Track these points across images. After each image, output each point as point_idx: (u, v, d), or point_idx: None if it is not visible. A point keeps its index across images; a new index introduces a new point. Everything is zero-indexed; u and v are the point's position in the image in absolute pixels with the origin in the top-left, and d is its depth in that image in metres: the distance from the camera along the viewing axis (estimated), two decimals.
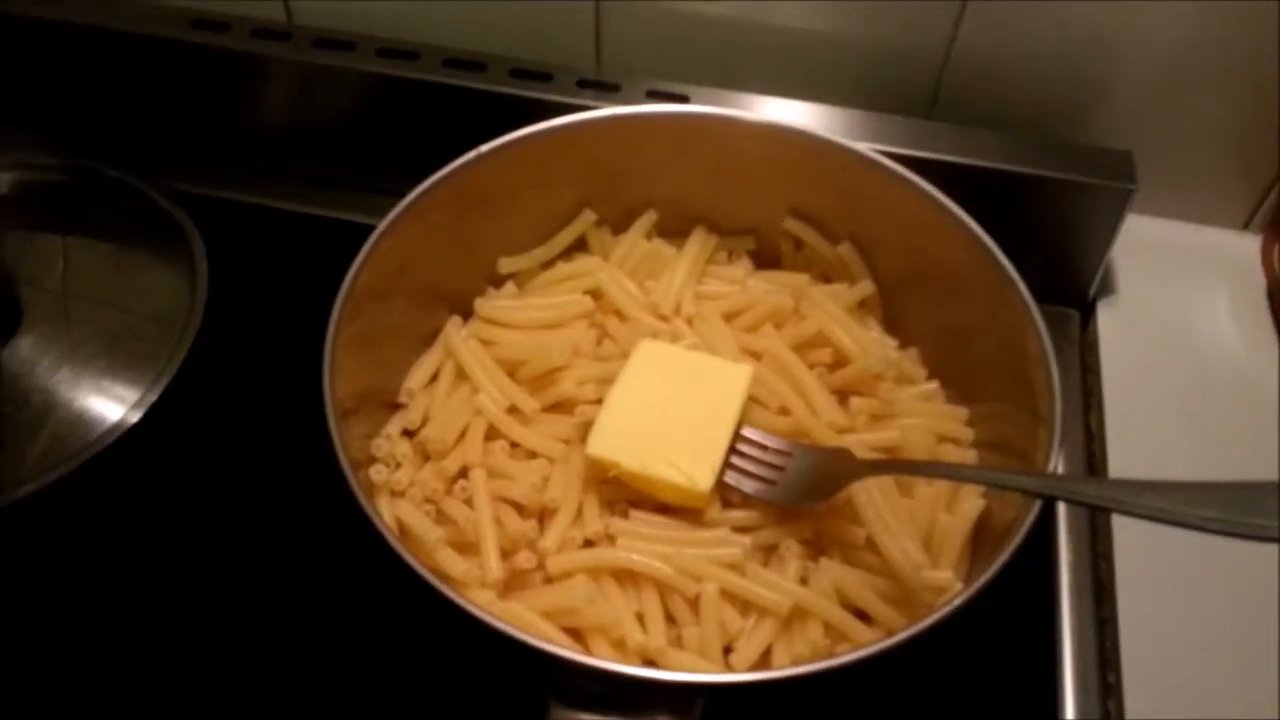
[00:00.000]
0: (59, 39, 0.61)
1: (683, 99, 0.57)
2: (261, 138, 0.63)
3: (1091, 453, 0.55)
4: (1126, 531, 0.50)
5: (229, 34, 0.60)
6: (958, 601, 0.37)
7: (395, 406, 0.49)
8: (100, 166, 0.60)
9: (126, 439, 0.51)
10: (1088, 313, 0.60)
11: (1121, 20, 0.55)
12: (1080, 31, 0.56)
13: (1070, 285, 0.59)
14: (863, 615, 0.44)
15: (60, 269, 0.58)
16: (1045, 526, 0.51)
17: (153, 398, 0.52)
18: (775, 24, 0.59)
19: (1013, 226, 0.55)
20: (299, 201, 0.63)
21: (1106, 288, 0.60)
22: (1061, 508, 0.52)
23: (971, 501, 0.45)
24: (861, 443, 0.47)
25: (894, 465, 0.45)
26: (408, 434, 0.48)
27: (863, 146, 0.50)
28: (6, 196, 0.61)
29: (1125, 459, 0.53)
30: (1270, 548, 0.43)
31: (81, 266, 0.58)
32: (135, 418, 0.51)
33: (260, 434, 0.53)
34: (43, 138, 0.62)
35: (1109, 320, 0.59)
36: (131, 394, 0.52)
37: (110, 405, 0.52)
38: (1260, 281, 0.60)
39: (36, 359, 0.54)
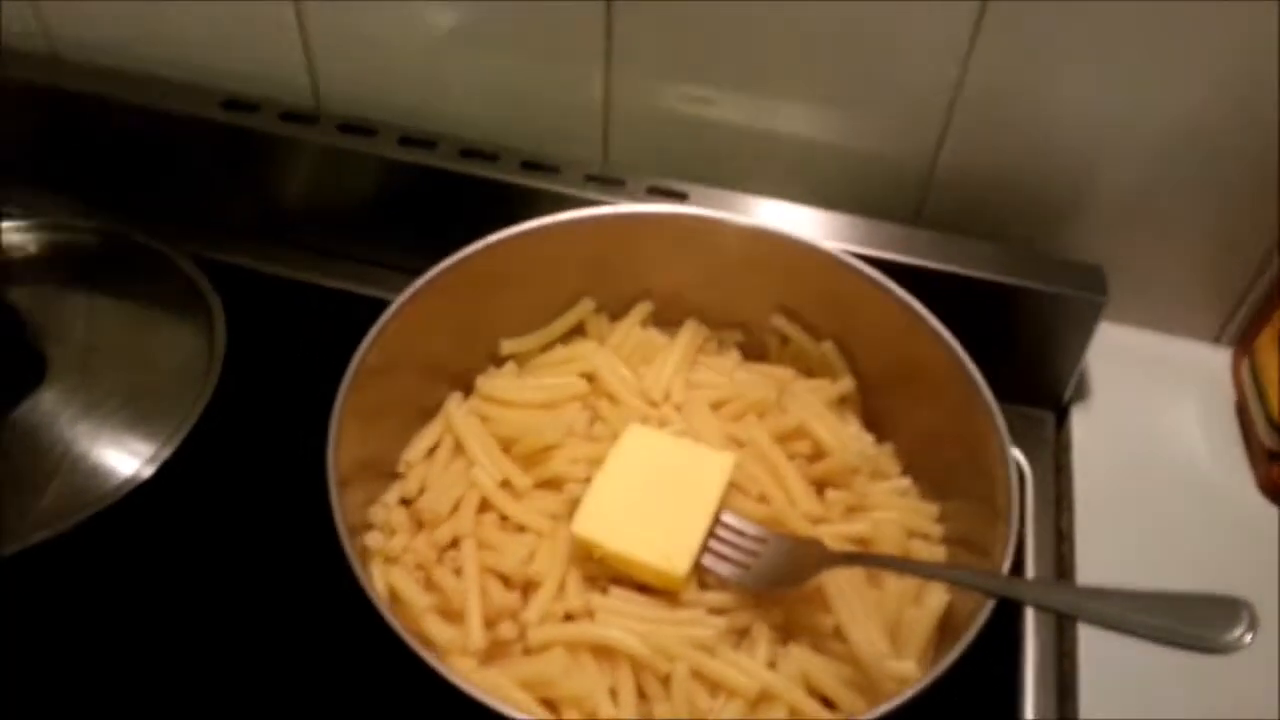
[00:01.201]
0: (98, 111, 0.65)
1: (682, 197, 0.60)
2: (284, 212, 0.67)
3: (1061, 553, 0.57)
4: (1091, 632, 0.52)
5: (258, 115, 0.64)
6: (910, 692, 0.39)
7: (395, 476, 0.52)
8: (131, 232, 0.63)
9: (138, 493, 0.53)
10: (1062, 416, 0.62)
11: (1098, 141, 0.58)
12: (1058, 151, 0.59)
13: (1045, 389, 0.62)
14: (829, 703, 0.45)
15: (86, 327, 0.61)
16: (1012, 625, 0.53)
17: (166, 454, 0.54)
18: (773, 131, 0.62)
19: (991, 331, 0.58)
20: (316, 273, 0.66)
21: (1081, 392, 0.62)
22: (1029, 619, 0.53)
23: (937, 596, 0.47)
24: (835, 533, 0.49)
25: (861, 558, 0.47)
26: (405, 503, 0.51)
27: (844, 252, 0.53)
28: (41, 256, 0.64)
29: (1093, 560, 0.55)
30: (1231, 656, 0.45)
31: (106, 325, 0.61)
32: (149, 472, 0.54)
33: (266, 495, 0.56)
34: (79, 202, 0.66)
35: (1082, 424, 0.61)
36: (147, 449, 0.55)
37: (125, 459, 0.55)
38: (1230, 394, 0.62)
39: (58, 412, 0.57)
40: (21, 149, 0.69)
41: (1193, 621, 0.37)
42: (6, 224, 0.64)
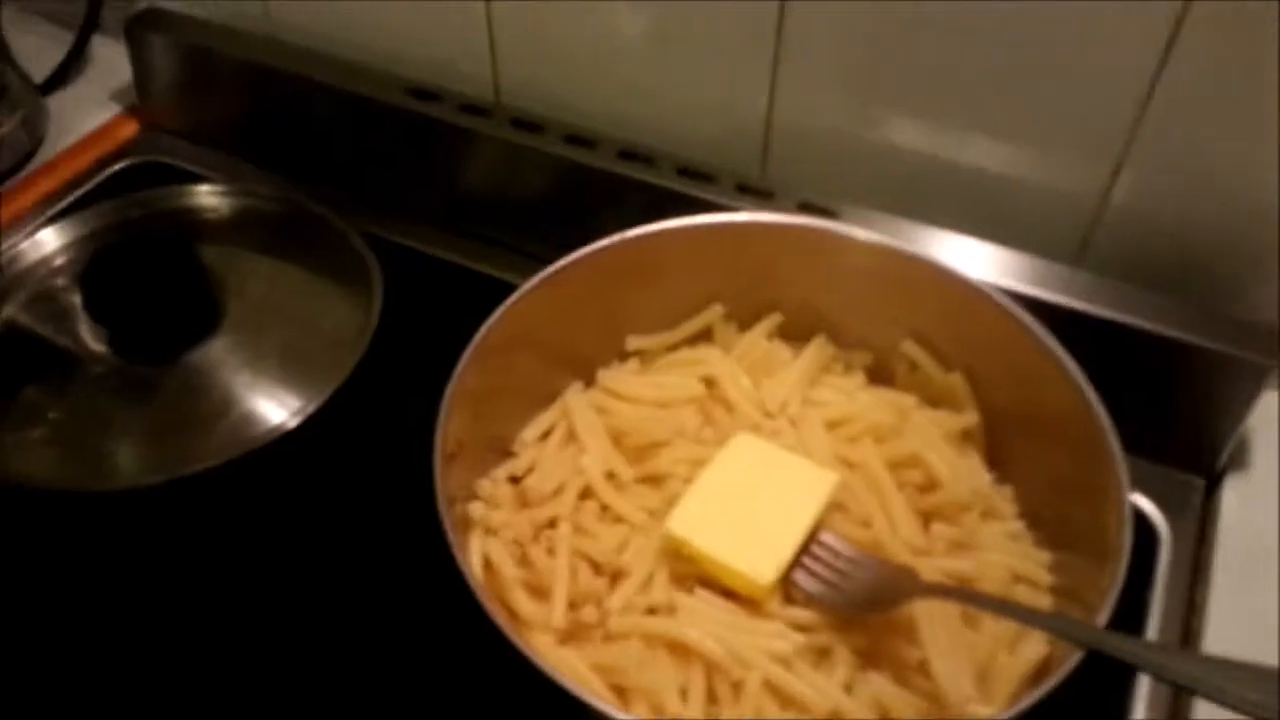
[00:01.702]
0: (298, 90, 0.71)
1: (832, 214, 0.60)
2: (453, 198, 0.70)
3: (1189, 625, 0.53)
4: (1208, 713, 0.48)
5: (440, 104, 0.68)
6: None
7: (509, 454, 0.54)
8: (311, 204, 0.68)
9: (284, 440, 0.58)
10: (1214, 483, 0.58)
11: None
12: (1239, 204, 0.56)
13: (1199, 453, 0.58)
14: None
15: (260, 286, 0.66)
16: (1121, 695, 0.50)
17: (312, 409, 0.58)
18: (935, 156, 0.61)
19: (1145, 385, 0.56)
20: (474, 259, 0.69)
21: (1238, 461, 0.58)
22: (1143, 682, 0.50)
23: (1034, 647, 0.45)
24: (936, 568, 0.48)
25: (951, 592, 0.46)
26: (513, 480, 0.52)
27: (993, 285, 0.51)
28: (231, 218, 0.70)
29: (1222, 636, 0.51)
30: None
31: (278, 287, 0.66)
32: (295, 423, 0.58)
33: (393, 456, 0.58)
34: (270, 172, 0.72)
35: (1234, 495, 0.57)
36: (296, 402, 0.59)
37: (276, 409, 0.59)
38: None
39: (224, 359, 0.62)
40: (228, 120, 0.75)
41: None
42: (206, 187, 0.71)
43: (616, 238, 0.53)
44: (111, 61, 0.83)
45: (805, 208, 0.61)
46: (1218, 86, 0.53)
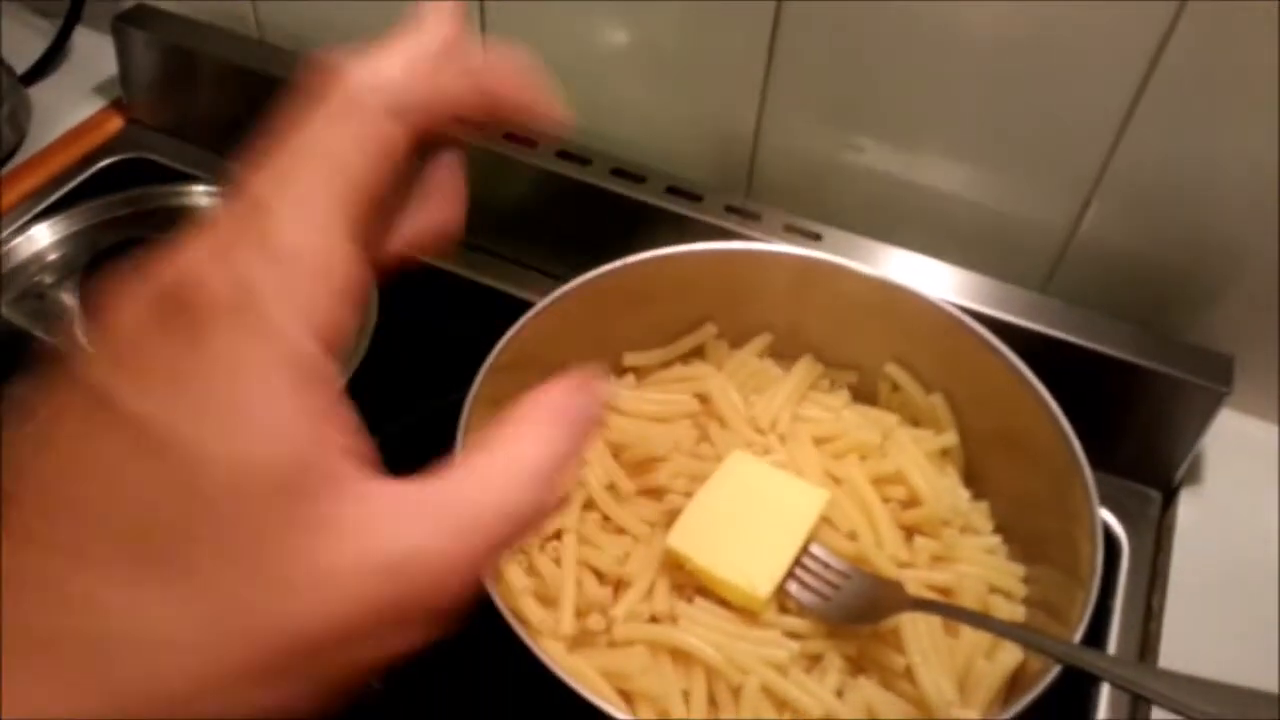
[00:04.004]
0: (278, 92, 0.71)
1: (815, 237, 0.63)
2: None
3: (1148, 631, 0.57)
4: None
5: None
6: None
7: None
8: None
9: None
10: (1171, 496, 0.62)
11: (1248, 231, 0.58)
12: (1205, 237, 0.59)
13: (1157, 468, 0.62)
14: None
15: None
16: (1085, 699, 0.54)
17: None
18: (916, 183, 0.64)
19: (1108, 406, 0.59)
20: (464, 266, 0.71)
21: (1194, 476, 0.62)
22: (1104, 691, 0.54)
23: (1010, 653, 0.49)
24: (918, 579, 0.51)
25: (938, 607, 0.49)
26: None
27: (967, 311, 0.54)
28: None
29: (1178, 643, 0.55)
30: None
31: None
32: None
33: (396, 466, 0.60)
34: None
35: (1190, 508, 0.61)
36: None
37: None
38: None
39: None
40: (214, 119, 0.76)
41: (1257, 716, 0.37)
42: (198, 186, 0.71)
43: (620, 263, 0.55)
44: (94, 54, 0.82)
45: (790, 230, 0.64)
46: (1186, 125, 0.56)
